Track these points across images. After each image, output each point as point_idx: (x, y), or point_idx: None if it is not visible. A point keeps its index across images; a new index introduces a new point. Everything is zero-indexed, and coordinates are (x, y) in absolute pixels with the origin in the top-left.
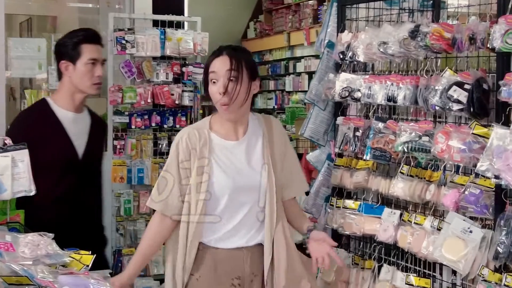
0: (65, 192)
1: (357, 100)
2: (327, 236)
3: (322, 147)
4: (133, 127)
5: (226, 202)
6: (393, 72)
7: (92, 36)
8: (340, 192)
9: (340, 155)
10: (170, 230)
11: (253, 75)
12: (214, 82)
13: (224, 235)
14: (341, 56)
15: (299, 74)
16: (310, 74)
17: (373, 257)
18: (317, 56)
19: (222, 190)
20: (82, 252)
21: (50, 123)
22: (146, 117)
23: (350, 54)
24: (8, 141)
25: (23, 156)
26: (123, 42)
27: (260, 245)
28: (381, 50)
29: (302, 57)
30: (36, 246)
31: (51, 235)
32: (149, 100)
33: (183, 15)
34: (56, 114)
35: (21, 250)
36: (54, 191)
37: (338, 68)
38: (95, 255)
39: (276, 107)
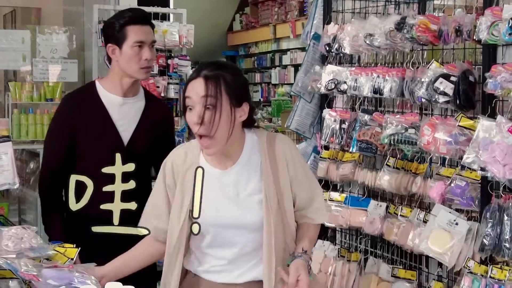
0: (108, 180)
1: (343, 92)
2: (302, 273)
3: (308, 139)
4: None
5: (211, 238)
6: (379, 64)
7: (139, 17)
8: (326, 184)
9: (326, 148)
10: (161, 252)
11: (238, 100)
12: (190, 109)
13: (214, 269)
14: (327, 48)
15: (285, 66)
16: (296, 67)
17: (359, 249)
18: (303, 49)
19: (204, 225)
20: (67, 245)
21: (93, 107)
22: None
23: (336, 46)
24: None
25: (6, 148)
26: None
27: (260, 282)
28: (367, 42)
29: (288, 49)
30: (19, 239)
31: (35, 228)
32: None
33: (169, 7)
34: (101, 98)
35: (4, 243)
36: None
37: (324, 60)
38: (79, 248)
39: (262, 99)
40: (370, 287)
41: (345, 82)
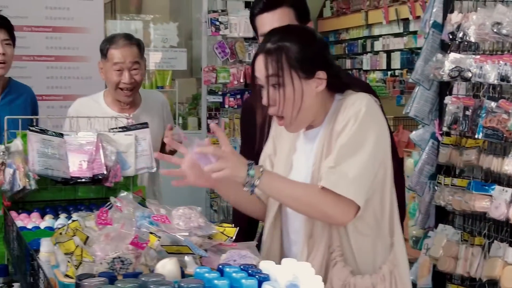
0: None
1: (467, 79)
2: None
3: (426, 126)
4: (226, 106)
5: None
6: (505, 52)
7: (264, 3)
8: (447, 170)
9: (447, 134)
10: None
11: (308, 71)
12: (262, 87)
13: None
14: (451, 37)
15: (376, 52)
16: (389, 53)
17: (482, 234)
18: (396, 35)
19: None
20: (225, 224)
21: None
22: (238, 96)
23: (460, 34)
24: (131, 120)
25: (145, 134)
26: (217, 23)
27: None
28: (495, 30)
29: (380, 35)
30: (188, 218)
31: (199, 208)
32: (241, 80)
33: None
34: None
35: (175, 222)
36: None
37: (444, 48)
38: (238, 228)
39: None
40: (495, 270)
41: (469, 70)
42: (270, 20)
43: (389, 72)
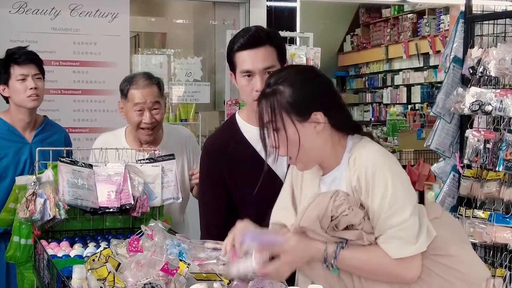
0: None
1: (487, 113)
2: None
3: (447, 158)
4: None
5: None
6: None
7: (247, 41)
8: (469, 202)
9: (468, 166)
10: None
11: (302, 113)
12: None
13: None
14: (471, 71)
15: (397, 86)
16: (409, 87)
17: (504, 265)
18: (416, 69)
19: None
20: None
21: (237, 147)
22: None
23: (480, 69)
24: (158, 152)
25: (171, 165)
26: None
27: None
28: None
29: (401, 69)
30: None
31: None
32: None
33: (296, 31)
34: (243, 134)
35: (205, 252)
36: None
37: (464, 82)
38: None
39: (373, 119)
40: None
41: (489, 104)
42: (253, 58)
43: (409, 106)
